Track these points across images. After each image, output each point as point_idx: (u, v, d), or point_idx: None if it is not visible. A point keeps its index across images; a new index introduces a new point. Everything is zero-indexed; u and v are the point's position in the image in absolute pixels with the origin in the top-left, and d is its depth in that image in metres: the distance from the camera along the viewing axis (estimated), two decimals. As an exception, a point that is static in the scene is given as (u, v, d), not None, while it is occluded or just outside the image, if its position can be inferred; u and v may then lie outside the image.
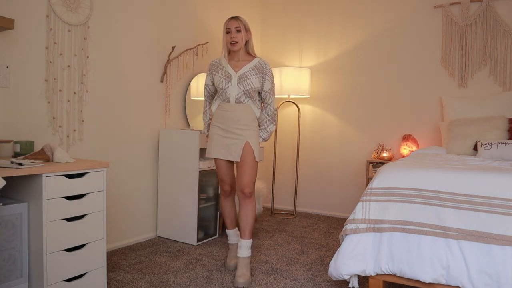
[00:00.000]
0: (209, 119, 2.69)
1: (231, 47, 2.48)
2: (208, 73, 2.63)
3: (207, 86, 2.68)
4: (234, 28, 2.46)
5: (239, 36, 2.46)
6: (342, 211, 4.14)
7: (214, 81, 2.56)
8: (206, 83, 2.68)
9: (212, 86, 2.64)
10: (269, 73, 2.55)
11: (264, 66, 2.53)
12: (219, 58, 2.60)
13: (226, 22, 2.50)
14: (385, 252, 1.95)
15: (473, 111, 3.24)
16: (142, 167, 3.15)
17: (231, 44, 2.47)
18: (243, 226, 2.53)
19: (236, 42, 2.46)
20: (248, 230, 2.52)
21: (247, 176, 2.48)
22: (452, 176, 1.91)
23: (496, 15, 3.40)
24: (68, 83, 2.58)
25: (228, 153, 2.49)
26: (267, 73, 2.53)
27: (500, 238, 1.73)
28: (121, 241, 3.00)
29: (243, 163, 2.49)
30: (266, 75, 2.53)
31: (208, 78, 2.64)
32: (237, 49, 2.48)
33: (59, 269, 1.92)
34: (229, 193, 2.66)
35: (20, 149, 2.16)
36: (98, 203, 2.09)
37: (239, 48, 2.48)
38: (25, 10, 2.32)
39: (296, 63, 4.40)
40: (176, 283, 2.37)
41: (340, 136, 4.17)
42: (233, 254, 2.68)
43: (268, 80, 2.55)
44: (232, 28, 2.46)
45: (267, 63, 2.56)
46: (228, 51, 2.54)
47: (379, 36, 3.94)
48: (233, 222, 2.73)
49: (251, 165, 2.49)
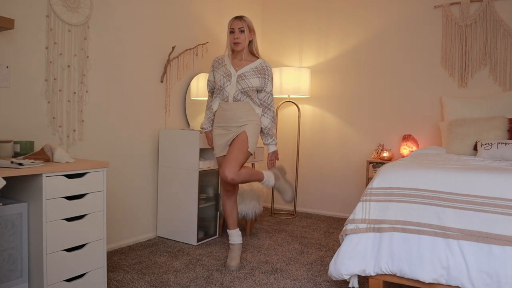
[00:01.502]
0: (212, 115, 2.71)
1: (234, 47, 2.54)
2: (211, 70, 2.68)
3: (210, 82, 2.72)
4: (238, 28, 2.50)
5: (242, 36, 2.51)
6: (342, 211, 4.14)
7: (215, 78, 2.59)
8: (209, 79, 2.72)
9: (214, 83, 2.67)
10: (271, 75, 2.61)
11: (266, 67, 2.57)
12: (223, 55, 2.63)
13: (230, 22, 2.54)
14: (385, 252, 1.95)
15: (473, 111, 3.24)
16: (142, 167, 3.15)
17: (234, 44, 2.51)
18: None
19: (239, 43, 2.50)
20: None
21: (229, 160, 2.42)
22: (452, 176, 1.91)
23: (496, 15, 3.40)
24: (68, 83, 2.58)
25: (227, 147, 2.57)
26: (269, 75, 2.58)
27: (500, 238, 1.73)
28: (121, 241, 3.00)
29: (233, 145, 2.48)
30: (268, 76, 2.57)
31: (211, 74, 2.69)
32: (240, 49, 2.52)
33: (59, 269, 1.92)
34: (232, 192, 2.68)
35: (20, 149, 2.16)
36: (98, 203, 2.09)
37: (242, 48, 2.52)
38: (25, 10, 2.32)
39: (296, 63, 4.40)
40: (176, 283, 2.37)
41: (340, 136, 4.17)
42: (234, 254, 2.68)
43: (270, 81, 2.59)
44: (235, 28, 2.51)
45: (269, 65, 2.62)
46: (232, 50, 2.58)
47: (379, 36, 3.94)
48: (235, 222, 2.74)
49: (240, 149, 2.44)
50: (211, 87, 2.73)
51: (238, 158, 2.43)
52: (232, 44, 2.53)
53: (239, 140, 2.49)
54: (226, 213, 2.72)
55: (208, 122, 2.75)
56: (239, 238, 2.72)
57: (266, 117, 2.61)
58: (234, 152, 2.44)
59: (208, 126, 2.76)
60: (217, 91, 2.58)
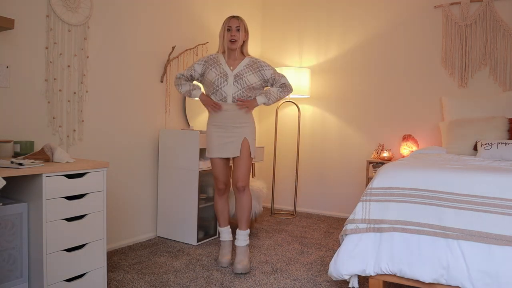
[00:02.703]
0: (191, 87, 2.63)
1: (230, 45, 2.53)
2: (202, 63, 2.60)
3: (194, 71, 2.61)
4: (235, 27, 2.51)
5: (239, 35, 2.52)
6: (342, 211, 4.14)
7: (208, 76, 2.56)
8: (195, 68, 2.61)
9: (198, 75, 2.61)
10: (262, 63, 2.61)
11: (255, 60, 2.61)
12: (216, 54, 2.62)
13: (227, 20, 2.55)
14: (385, 252, 1.95)
15: (473, 111, 3.23)
16: (142, 167, 3.15)
17: (231, 41, 2.50)
18: (240, 218, 2.63)
19: (236, 41, 2.52)
20: (245, 221, 2.62)
21: (243, 170, 2.57)
22: (452, 176, 1.91)
23: (496, 15, 3.40)
24: (68, 83, 2.58)
25: (226, 151, 2.56)
26: (261, 65, 2.60)
27: (500, 238, 1.73)
28: (121, 241, 3.00)
29: (240, 158, 2.57)
30: (261, 67, 2.60)
31: (199, 66, 2.60)
32: (235, 47, 2.54)
33: (59, 269, 1.92)
34: (223, 191, 2.72)
35: (20, 149, 2.16)
36: (98, 203, 2.09)
37: (237, 46, 2.54)
38: (25, 10, 2.32)
39: (296, 63, 4.40)
40: (176, 283, 2.37)
41: (340, 136, 4.17)
42: (225, 251, 2.72)
43: (265, 68, 2.60)
44: (233, 26, 2.52)
45: (256, 58, 2.63)
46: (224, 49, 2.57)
47: (379, 36, 3.94)
48: (226, 220, 2.79)
49: (247, 160, 2.57)
50: (190, 74, 2.62)
51: (248, 168, 2.60)
52: (228, 42, 2.53)
53: (246, 151, 2.56)
54: (218, 211, 2.77)
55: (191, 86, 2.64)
56: (230, 236, 2.77)
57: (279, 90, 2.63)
58: (247, 163, 2.58)
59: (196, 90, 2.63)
60: (212, 90, 2.56)
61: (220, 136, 2.56)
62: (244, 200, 2.61)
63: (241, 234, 2.62)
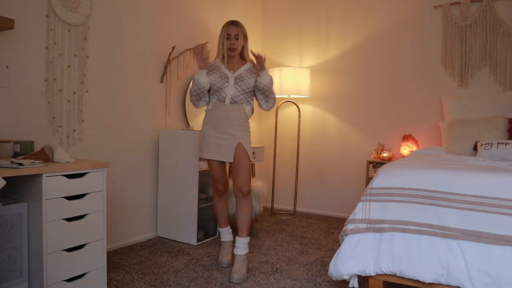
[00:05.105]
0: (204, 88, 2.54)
1: (229, 53, 2.53)
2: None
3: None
4: (234, 35, 2.50)
5: (237, 43, 2.52)
6: (342, 211, 4.14)
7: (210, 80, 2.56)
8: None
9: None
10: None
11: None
12: (215, 61, 2.61)
13: (225, 27, 2.53)
14: (385, 252, 1.95)
15: (473, 111, 3.23)
16: (142, 167, 3.15)
17: (230, 49, 2.50)
18: (241, 225, 2.56)
19: (235, 49, 2.52)
20: (246, 228, 2.55)
21: (243, 175, 2.52)
22: (452, 176, 1.91)
23: (496, 15, 3.40)
24: (68, 83, 2.58)
25: (221, 154, 2.53)
26: None
27: (500, 238, 1.73)
28: (121, 241, 3.00)
29: (238, 163, 2.52)
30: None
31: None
32: (234, 55, 2.55)
33: (59, 269, 1.92)
34: (222, 192, 2.71)
35: (20, 149, 2.16)
36: (98, 203, 2.09)
37: (236, 54, 2.54)
38: (25, 10, 2.32)
39: (296, 63, 4.40)
40: (176, 283, 2.37)
41: (340, 136, 4.17)
42: (225, 251, 2.72)
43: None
44: (232, 34, 2.51)
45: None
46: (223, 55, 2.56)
47: (379, 36, 3.94)
48: (226, 220, 2.79)
49: (246, 165, 2.53)
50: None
51: (249, 172, 2.57)
52: (227, 50, 2.53)
53: (244, 155, 2.51)
54: (217, 212, 2.77)
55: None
56: (230, 236, 2.76)
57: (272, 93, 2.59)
58: (247, 168, 2.54)
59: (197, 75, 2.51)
60: (213, 92, 2.56)
61: (215, 137, 2.53)
62: (247, 205, 2.56)
63: (241, 242, 2.54)
